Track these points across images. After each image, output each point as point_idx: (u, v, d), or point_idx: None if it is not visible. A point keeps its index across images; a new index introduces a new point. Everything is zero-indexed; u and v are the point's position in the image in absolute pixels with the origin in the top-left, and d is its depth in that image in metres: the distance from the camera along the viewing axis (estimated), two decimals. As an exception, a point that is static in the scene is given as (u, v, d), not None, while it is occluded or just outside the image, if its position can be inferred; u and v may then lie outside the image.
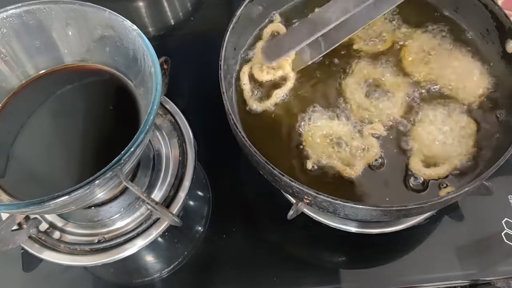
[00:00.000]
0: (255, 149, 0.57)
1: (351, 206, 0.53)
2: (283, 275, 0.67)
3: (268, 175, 0.59)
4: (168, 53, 0.70)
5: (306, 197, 0.56)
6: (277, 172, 0.55)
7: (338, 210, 0.55)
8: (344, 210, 0.55)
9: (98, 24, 0.60)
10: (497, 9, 0.66)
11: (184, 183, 0.68)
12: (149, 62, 0.55)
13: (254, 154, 0.57)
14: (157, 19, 1.00)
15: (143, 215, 0.67)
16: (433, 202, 0.53)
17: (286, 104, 0.70)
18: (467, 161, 0.63)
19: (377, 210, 0.53)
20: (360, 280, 0.67)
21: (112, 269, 0.69)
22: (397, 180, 0.63)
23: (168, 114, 0.74)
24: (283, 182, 0.56)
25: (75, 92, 0.64)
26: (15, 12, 0.58)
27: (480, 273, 0.67)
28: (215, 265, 0.69)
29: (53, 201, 0.46)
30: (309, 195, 0.54)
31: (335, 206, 0.54)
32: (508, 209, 0.71)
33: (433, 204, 0.53)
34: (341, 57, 0.73)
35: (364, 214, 0.55)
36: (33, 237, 0.64)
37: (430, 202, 0.53)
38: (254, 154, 0.57)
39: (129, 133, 0.50)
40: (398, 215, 0.57)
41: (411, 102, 0.68)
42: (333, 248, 0.71)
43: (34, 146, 0.61)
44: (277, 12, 0.78)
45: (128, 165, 0.54)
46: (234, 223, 0.72)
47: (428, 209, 0.57)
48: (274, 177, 0.57)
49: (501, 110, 0.67)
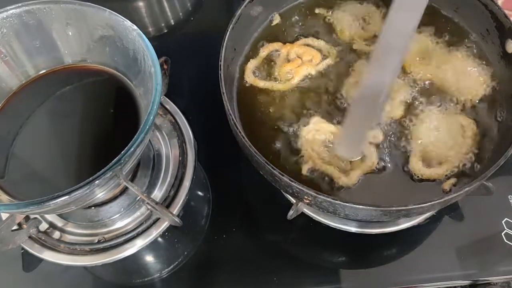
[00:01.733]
0: (255, 149, 0.57)
1: (351, 206, 0.53)
2: (283, 275, 0.67)
3: (268, 175, 0.59)
4: (168, 53, 0.70)
5: (306, 197, 0.56)
6: (277, 172, 0.55)
7: (338, 210, 0.55)
8: (344, 210, 0.55)
9: (98, 24, 0.60)
10: (497, 9, 0.66)
11: (184, 183, 0.68)
12: (149, 62, 0.55)
13: (254, 154, 0.57)
14: (157, 19, 1.00)
15: (143, 215, 0.66)
16: (433, 202, 0.53)
17: (288, 104, 0.70)
18: (467, 161, 0.63)
19: (377, 210, 0.53)
20: (360, 280, 0.67)
21: (112, 269, 0.70)
22: (396, 180, 0.63)
23: (168, 114, 0.74)
24: (283, 182, 0.56)
25: (75, 92, 0.64)
26: (15, 12, 0.58)
27: (480, 273, 0.67)
28: (215, 265, 0.69)
29: (53, 201, 0.46)
30: (309, 195, 0.54)
31: (335, 206, 0.54)
32: (508, 209, 0.71)
33: (433, 204, 0.53)
34: (342, 58, 0.74)
35: (364, 214, 0.55)
36: (33, 237, 0.64)
37: (430, 202, 0.53)
38: (254, 154, 0.57)
39: (129, 133, 0.50)
40: (398, 215, 0.57)
41: (411, 102, 0.68)
42: (333, 248, 0.71)
43: (34, 146, 0.61)
44: (277, 13, 0.78)
45: (128, 165, 0.54)
46: (234, 223, 0.72)
47: (428, 209, 0.57)
48: (274, 177, 0.57)
49: (501, 110, 0.67)
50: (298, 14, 0.78)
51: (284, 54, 0.74)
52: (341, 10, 0.78)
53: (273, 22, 0.78)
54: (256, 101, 0.71)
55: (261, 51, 0.75)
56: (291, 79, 0.72)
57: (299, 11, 0.79)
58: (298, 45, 0.75)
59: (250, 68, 0.73)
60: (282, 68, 0.72)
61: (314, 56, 0.74)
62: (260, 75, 0.73)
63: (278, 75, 0.73)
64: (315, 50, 0.74)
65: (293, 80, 0.72)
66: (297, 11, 0.79)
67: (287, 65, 0.73)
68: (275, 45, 0.75)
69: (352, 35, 0.76)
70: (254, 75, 0.73)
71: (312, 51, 0.74)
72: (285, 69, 0.72)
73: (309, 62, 0.73)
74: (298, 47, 0.74)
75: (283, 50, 0.74)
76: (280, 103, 0.70)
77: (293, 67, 0.72)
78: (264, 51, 0.75)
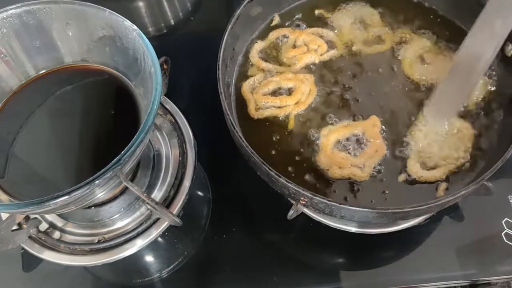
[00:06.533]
0: (252, 149, 0.57)
1: (347, 208, 0.53)
2: (283, 275, 0.67)
3: (265, 176, 0.59)
4: (168, 53, 0.70)
5: (303, 198, 0.56)
6: (274, 173, 0.55)
7: (334, 212, 0.55)
8: (340, 212, 0.55)
9: (98, 24, 0.59)
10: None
11: (184, 183, 0.68)
12: (149, 62, 0.55)
13: (251, 154, 0.57)
14: (157, 19, 1.00)
15: (143, 215, 0.66)
16: (430, 205, 0.53)
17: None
18: (465, 163, 0.63)
19: (373, 212, 0.53)
20: (360, 279, 0.67)
21: (112, 269, 0.70)
22: (395, 182, 0.63)
23: (168, 114, 0.74)
24: (280, 183, 0.55)
25: (75, 92, 0.64)
26: (15, 12, 0.58)
27: (480, 273, 0.67)
28: (215, 265, 0.69)
29: (53, 201, 0.46)
30: (305, 196, 0.54)
31: (331, 208, 0.54)
32: (508, 209, 0.71)
33: (430, 207, 0.53)
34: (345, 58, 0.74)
35: (361, 216, 0.55)
36: (33, 237, 0.64)
37: (427, 205, 0.53)
38: (251, 154, 0.57)
39: (129, 133, 0.50)
40: (394, 218, 0.57)
41: (409, 104, 0.69)
42: (333, 248, 0.71)
43: (34, 146, 0.61)
44: (276, 13, 0.78)
45: (128, 165, 0.53)
46: (234, 223, 0.72)
47: (425, 211, 0.57)
48: (270, 178, 0.57)
49: (499, 112, 0.67)
50: (297, 15, 0.79)
51: (292, 40, 0.75)
52: (340, 12, 0.78)
53: (273, 22, 0.78)
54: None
55: (270, 34, 0.75)
56: (294, 64, 0.72)
57: (299, 12, 0.79)
58: (307, 33, 0.75)
59: (256, 49, 0.74)
60: (287, 53, 0.73)
61: (321, 46, 0.74)
62: (264, 56, 0.74)
63: (282, 59, 0.73)
64: (322, 40, 0.74)
65: (295, 66, 0.72)
66: (296, 12, 0.79)
67: (292, 51, 0.73)
68: (284, 30, 0.76)
69: (351, 36, 0.76)
70: (258, 56, 0.73)
71: (319, 41, 0.74)
72: (290, 54, 0.73)
73: (315, 51, 0.73)
74: (306, 35, 0.74)
75: (292, 36, 0.75)
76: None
77: (297, 53, 0.73)
78: (273, 34, 0.75)
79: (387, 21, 0.77)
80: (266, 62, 0.73)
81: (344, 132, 0.66)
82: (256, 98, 0.69)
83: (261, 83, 0.71)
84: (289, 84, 0.70)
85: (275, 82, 0.70)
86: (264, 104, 0.69)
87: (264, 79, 0.72)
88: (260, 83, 0.71)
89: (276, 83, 0.70)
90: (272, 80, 0.70)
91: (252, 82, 0.72)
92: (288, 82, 0.70)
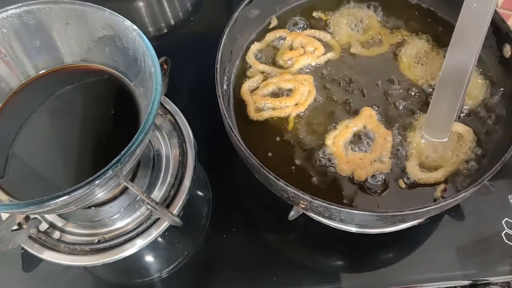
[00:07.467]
0: (250, 152, 0.57)
1: (347, 211, 0.53)
2: (283, 275, 0.67)
3: (263, 179, 0.59)
4: (168, 53, 0.70)
5: (302, 202, 0.55)
6: (272, 176, 0.55)
7: (334, 215, 0.55)
8: (339, 215, 0.55)
9: (98, 24, 0.60)
10: (494, 14, 0.66)
11: (184, 183, 0.68)
12: (149, 62, 0.55)
13: (249, 157, 0.57)
14: (157, 19, 1.00)
15: (143, 215, 0.66)
16: (428, 208, 0.53)
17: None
18: (464, 165, 0.63)
19: (372, 215, 0.53)
20: (360, 280, 0.67)
21: (112, 269, 0.69)
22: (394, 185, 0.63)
23: (168, 114, 0.74)
24: (278, 186, 0.55)
25: (75, 92, 0.64)
26: (15, 12, 0.58)
27: (480, 273, 0.67)
28: (215, 265, 0.69)
29: (53, 201, 0.46)
30: (305, 200, 0.54)
31: (331, 211, 0.54)
32: (508, 209, 0.71)
33: (428, 209, 0.53)
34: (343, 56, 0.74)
35: (360, 219, 0.55)
36: (33, 237, 0.64)
37: (426, 208, 0.53)
38: (249, 157, 0.57)
39: (129, 133, 0.50)
40: (393, 221, 0.56)
41: (408, 106, 0.69)
42: (333, 248, 0.71)
43: (34, 146, 0.61)
44: (274, 16, 0.78)
45: (128, 165, 0.53)
46: (234, 223, 0.72)
47: (424, 214, 0.57)
48: (269, 181, 0.56)
49: (498, 114, 0.67)
50: (295, 17, 0.79)
51: (289, 41, 0.75)
52: (338, 14, 0.78)
53: (271, 25, 0.78)
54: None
55: (267, 35, 0.75)
56: (290, 66, 0.72)
57: (297, 15, 0.79)
58: (304, 35, 0.75)
59: (253, 50, 0.74)
60: (284, 55, 0.73)
61: (317, 48, 0.74)
62: (261, 58, 0.74)
63: (278, 61, 0.73)
64: (319, 43, 0.74)
65: (292, 68, 0.72)
66: (294, 14, 0.79)
67: (289, 53, 0.73)
68: (281, 32, 0.76)
69: (349, 38, 0.76)
70: (255, 57, 0.73)
71: (316, 43, 0.74)
72: (286, 56, 0.73)
73: (311, 53, 0.73)
74: (303, 37, 0.74)
75: (289, 38, 0.75)
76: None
77: (294, 56, 0.73)
78: (270, 36, 0.75)
79: (385, 23, 0.77)
80: (263, 64, 0.73)
81: (348, 132, 0.66)
82: (255, 100, 0.69)
83: (260, 85, 0.71)
84: (288, 85, 0.70)
85: (274, 84, 0.70)
86: (263, 106, 0.69)
87: (263, 80, 0.72)
88: (259, 84, 0.71)
89: (275, 84, 0.70)
90: (271, 82, 0.70)
91: (251, 84, 0.72)
92: (287, 83, 0.70)
